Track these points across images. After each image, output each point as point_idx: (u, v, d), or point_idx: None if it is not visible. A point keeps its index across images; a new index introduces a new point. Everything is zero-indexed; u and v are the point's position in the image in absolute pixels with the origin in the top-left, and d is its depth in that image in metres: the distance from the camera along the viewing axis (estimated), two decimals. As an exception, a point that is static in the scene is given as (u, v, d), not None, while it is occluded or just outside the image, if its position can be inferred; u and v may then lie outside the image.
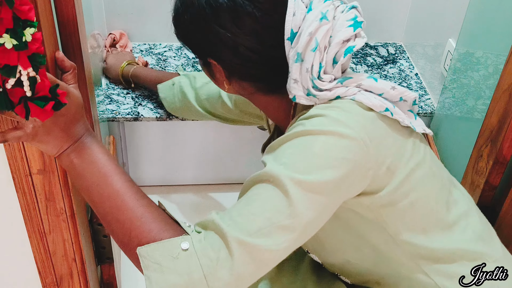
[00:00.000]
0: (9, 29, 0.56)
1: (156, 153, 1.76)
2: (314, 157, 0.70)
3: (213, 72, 0.86)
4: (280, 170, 0.69)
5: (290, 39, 0.75)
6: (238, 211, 0.70)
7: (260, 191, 0.71)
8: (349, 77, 0.77)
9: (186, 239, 0.69)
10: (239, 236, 0.67)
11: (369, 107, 0.76)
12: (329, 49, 0.74)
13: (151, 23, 1.81)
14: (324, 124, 0.72)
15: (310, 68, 0.74)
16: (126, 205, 0.72)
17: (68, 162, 0.74)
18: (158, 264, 0.68)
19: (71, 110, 0.71)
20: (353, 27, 0.74)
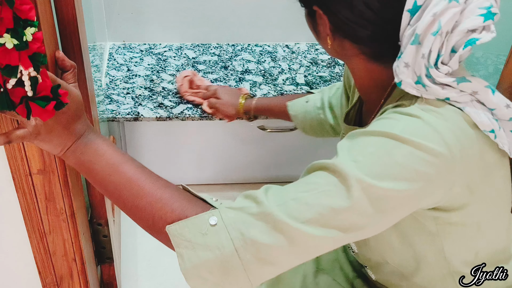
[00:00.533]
0: (10, 29, 0.56)
1: (156, 153, 1.76)
2: (394, 166, 0.64)
3: (317, 24, 0.77)
4: (351, 168, 0.64)
5: (410, 12, 0.66)
6: (294, 194, 0.66)
7: (322, 181, 0.66)
8: (467, 80, 0.68)
9: (214, 214, 0.67)
10: (286, 220, 0.64)
11: (474, 123, 0.69)
12: (450, 36, 0.65)
13: (151, 23, 1.81)
14: (418, 132, 0.65)
15: (427, 54, 0.65)
16: (143, 190, 0.71)
17: (75, 160, 0.74)
18: (189, 241, 0.66)
19: (71, 108, 0.71)
20: (484, 17, 0.64)
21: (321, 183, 0.66)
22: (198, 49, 1.85)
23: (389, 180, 0.64)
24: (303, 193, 0.65)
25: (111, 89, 1.62)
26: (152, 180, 0.72)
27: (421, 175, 0.64)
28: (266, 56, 1.85)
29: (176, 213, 0.68)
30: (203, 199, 0.71)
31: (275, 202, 0.65)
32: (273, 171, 1.88)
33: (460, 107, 0.69)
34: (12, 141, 0.68)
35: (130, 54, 1.80)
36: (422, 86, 0.68)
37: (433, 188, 0.67)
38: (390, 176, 0.64)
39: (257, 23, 1.86)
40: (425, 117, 0.67)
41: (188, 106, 1.58)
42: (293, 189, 0.67)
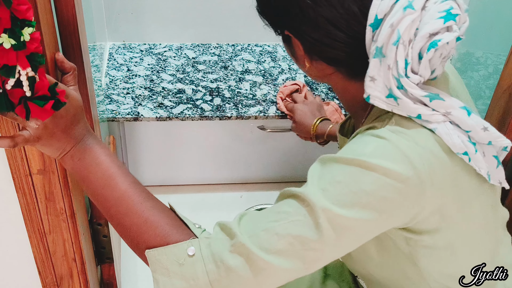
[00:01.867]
0: (7, 29, 0.56)
1: (156, 153, 1.76)
2: (361, 194, 0.64)
3: (293, 48, 0.78)
4: (318, 197, 0.65)
5: (372, 26, 0.66)
6: (265, 224, 0.67)
7: (292, 210, 0.67)
8: (440, 98, 0.67)
9: (193, 244, 0.68)
10: (257, 252, 0.65)
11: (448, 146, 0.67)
12: (414, 43, 0.64)
13: (151, 23, 1.81)
14: (386, 156, 0.65)
15: (393, 65, 0.65)
16: (131, 210, 0.72)
17: (72, 165, 0.74)
18: (166, 268, 0.68)
19: (70, 112, 0.71)
20: (444, 19, 0.63)
21: (291, 213, 0.67)
22: (198, 49, 1.85)
23: (356, 209, 0.64)
24: (274, 223, 0.66)
25: (111, 89, 1.62)
26: (142, 199, 0.73)
27: (388, 202, 0.64)
28: (266, 56, 1.85)
29: (158, 239, 0.70)
30: (187, 224, 0.72)
31: (247, 233, 0.67)
32: (273, 171, 1.88)
33: (432, 127, 0.67)
34: (18, 144, 0.68)
35: (130, 54, 1.80)
36: (394, 99, 0.67)
37: (400, 213, 0.67)
38: (357, 205, 0.64)
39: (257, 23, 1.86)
40: (394, 139, 0.66)
41: (188, 106, 1.58)
42: (265, 218, 0.68)
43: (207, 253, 0.67)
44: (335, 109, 1.52)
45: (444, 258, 0.75)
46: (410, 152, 0.65)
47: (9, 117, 0.67)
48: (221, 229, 0.70)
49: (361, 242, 0.69)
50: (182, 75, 1.71)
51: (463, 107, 0.68)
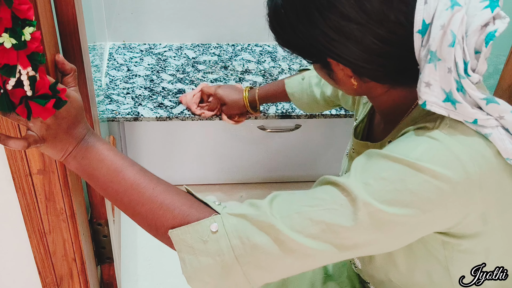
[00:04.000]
0: (8, 29, 0.56)
1: (156, 153, 1.76)
2: (406, 193, 0.62)
3: (334, 73, 0.74)
4: (360, 190, 0.63)
5: (421, 32, 0.63)
6: (299, 207, 0.65)
7: (329, 198, 0.65)
8: (496, 102, 0.64)
9: (215, 220, 0.67)
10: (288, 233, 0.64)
11: (498, 151, 0.65)
12: (466, 39, 0.62)
13: (151, 23, 1.81)
14: (437, 158, 0.63)
15: (453, 67, 0.62)
16: (144, 197, 0.71)
17: (76, 165, 0.74)
18: (190, 246, 0.67)
19: (72, 113, 0.71)
20: (490, 7, 0.61)
21: (328, 200, 0.65)
22: (198, 49, 1.85)
23: (398, 207, 0.62)
24: (308, 208, 0.65)
25: (111, 89, 1.62)
26: (153, 185, 0.72)
27: (433, 203, 0.63)
28: (266, 56, 1.85)
29: (178, 220, 0.69)
30: (206, 203, 0.71)
31: (279, 213, 0.65)
32: (273, 171, 1.88)
33: (486, 133, 0.66)
34: (30, 145, 0.68)
35: (130, 54, 1.80)
36: (452, 103, 0.65)
37: (444, 216, 0.65)
38: (400, 202, 0.62)
39: (257, 23, 1.86)
40: (447, 141, 0.64)
41: (188, 106, 1.58)
42: (299, 201, 0.66)
43: (231, 229, 0.66)
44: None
45: (478, 263, 0.74)
46: (463, 155, 0.63)
47: (12, 118, 0.67)
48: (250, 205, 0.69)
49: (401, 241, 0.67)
50: (182, 75, 1.71)
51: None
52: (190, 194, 0.74)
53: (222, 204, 0.71)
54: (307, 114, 1.61)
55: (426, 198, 0.62)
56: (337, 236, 0.64)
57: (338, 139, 1.81)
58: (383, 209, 0.62)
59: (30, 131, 0.69)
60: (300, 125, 1.73)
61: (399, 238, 0.66)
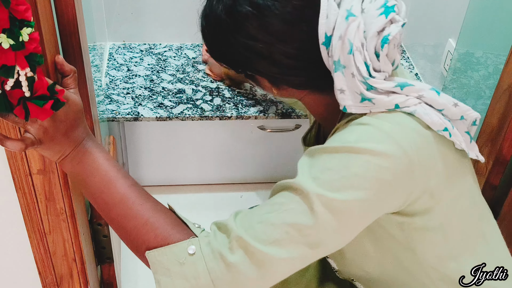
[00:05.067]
0: (6, 29, 0.56)
1: (156, 153, 1.76)
2: (352, 177, 0.65)
3: (259, 82, 0.81)
4: (310, 185, 0.66)
5: (325, 44, 0.70)
6: (260, 217, 0.68)
7: (285, 200, 0.68)
8: (410, 84, 0.70)
9: (193, 243, 0.68)
10: (254, 244, 0.65)
11: (427, 125, 0.70)
12: (366, 45, 0.68)
13: (151, 23, 1.81)
14: (372, 139, 0.67)
15: (356, 71, 0.68)
16: (131, 213, 0.72)
17: (70, 169, 0.74)
18: (167, 268, 0.68)
19: (70, 116, 0.71)
20: (384, 14, 0.67)
21: (285, 203, 0.67)
22: (198, 49, 1.85)
23: (348, 192, 0.65)
24: (268, 214, 0.67)
25: (111, 89, 1.62)
26: (142, 201, 0.73)
27: (380, 182, 0.65)
28: (266, 56, 1.85)
29: (159, 240, 0.70)
30: (187, 224, 0.73)
31: (243, 227, 0.67)
32: (273, 171, 1.88)
33: (411, 111, 0.69)
34: (28, 147, 0.68)
35: (130, 54, 1.80)
36: (369, 101, 0.69)
37: (393, 194, 0.67)
38: (349, 187, 0.65)
39: (257, 23, 1.86)
40: (376, 123, 0.68)
41: (188, 106, 1.58)
42: (259, 211, 0.69)
43: (208, 251, 0.67)
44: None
45: (437, 239, 0.76)
46: (394, 133, 0.67)
47: (10, 120, 0.67)
48: (218, 228, 0.70)
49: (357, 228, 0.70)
50: (182, 75, 1.71)
51: (432, 89, 0.71)
52: (173, 212, 0.75)
53: (201, 227, 0.73)
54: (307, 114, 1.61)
55: (372, 178, 0.65)
56: (301, 234, 0.65)
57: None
58: (336, 197, 0.65)
59: (27, 133, 0.69)
60: (300, 125, 1.73)
61: (357, 222, 0.68)
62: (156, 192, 1.78)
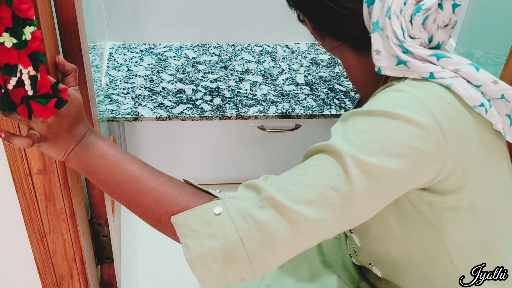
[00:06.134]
0: (9, 28, 0.56)
1: (156, 153, 1.76)
2: (385, 141, 0.65)
3: (307, 26, 0.82)
4: (344, 146, 0.65)
5: (367, 2, 0.71)
6: (292, 178, 0.67)
7: (319, 162, 0.67)
8: (447, 56, 0.69)
9: (218, 203, 0.67)
10: (287, 204, 0.64)
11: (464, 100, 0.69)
12: (404, 11, 0.69)
13: (151, 23, 1.81)
14: (406, 106, 0.66)
15: (391, 34, 0.69)
16: (147, 187, 0.71)
17: (77, 163, 0.74)
18: (194, 230, 0.67)
19: (72, 112, 0.72)
20: None
21: (318, 165, 0.67)
22: (198, 49, 1.85)
23: (382, 156, 0.64)
24: (301, 176, 0.66)
25: (111, 89, 1.62)
26: (155, 176, 0.73)
27: (412, 149, 0.65)
28: (266, 56, 1.85)
29: (181, 206, 0.69)
30: (207, 191, 0.72)
31: (275, 188, 0.66)
32: (273, 171, 1.87)
33: (447, 83, 0.69)
34: (34, 143, 0.68)
35: (130, 54, 1.80)
36: (404, 64, 0.70)
37: (425, 163, 0.67)
38: (381, 151, 0.65)
39: (257, 23, 1.86)
40: (413, 91, 0.68)
41: (188, 106, 1.58)
42: (291, 174, 0.68)
43: (234, 210, 0.66)
44: None
45: (468, 221, 0.75)
46: (430, 102, 0.66)
47: (13, 118, 0.67)
48: (246, 187, 0.69)
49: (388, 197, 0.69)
50: (182, 75, 1.71)
51: (470, 64, 0.69)
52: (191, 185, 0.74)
53: (222, 192, 0.72)
54: (307, 114, 1.62)
55: (405, 144, 0.65)
56: (335, 195, 0.65)
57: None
58: (368, 161, 0.64)
59: (32, 130, 0.69)
60: (300, 125, 1.73)
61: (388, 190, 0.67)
62: (156, 192, 1.79)
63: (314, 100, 1.67)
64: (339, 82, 1.76)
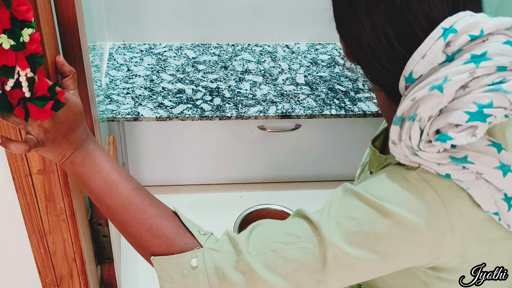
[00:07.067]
0: (7, 30, 0.56)
1: (156, 153, 1.76)
2: (373, 236, 0.63)
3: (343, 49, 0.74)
4: (330, 230, 0.64)
5: (406, 79, 0.62)
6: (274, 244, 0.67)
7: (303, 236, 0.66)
8: (469, 162, 0.62)
9: (197, 255, 0.69)
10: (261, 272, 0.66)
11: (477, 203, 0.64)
12: (435, 120, 0.61)
13: (151, 23, 1.81)
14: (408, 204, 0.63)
15: (405, 137, 0.63)
16: (134, 218, 0.72)
17: (72, 170, 0.74)
18: (170, 276, 0.69)
19: (70, 117, 0.71)
20: (469, 115, 0.58)
21: (301, 238, 0.67)
22: (198, 49, 1.85)
23: (364, 250, 0.64)
24: (283, 245, 0.67)
25: (111, 89, 1.62)
26: (145, 206, 0.73)
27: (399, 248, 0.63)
28: (266, 56, 1.85)
29: (162, 248, 0.71)
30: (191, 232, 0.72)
31: (255, 250, 0.67)
32: (273, 171, 1.88)
33: (464, 187, 0.64)
34: (31, 148, 0.68)
35: (130, 54, 1.80)
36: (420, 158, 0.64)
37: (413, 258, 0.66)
38: (366, 245, 0.63)
39: (257, 23, 1.86)
40: (421, 187, 0.64)
41: (188, 106, 1.58)
42: (275, 237, 0.68)
43: (211, 266, 0.68)
44: None
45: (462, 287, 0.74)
46: (435, 204, 0.63)
47: (11, 121, 0.67)
48: (229, 241, 0.70)
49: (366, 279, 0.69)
50: (182, 75, 1.71)
51: (499, 167, 0.63)
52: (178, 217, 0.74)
53: (207, 234, 0.72)
54: (307, 114, 1.62)
55: (392, 243, 0.63)
56: (308, 276, 0.66)
57: (338, 139, 1.81)
58: (349, 252, 0.64)
59: (29, 135, 0.69)
60: (300, 125, 1.73)
61: (362, 277, 0.68)
62: (156, 192, 1.79)
63: (314, 100, 1.67)
64: (339, 82, 1.76)
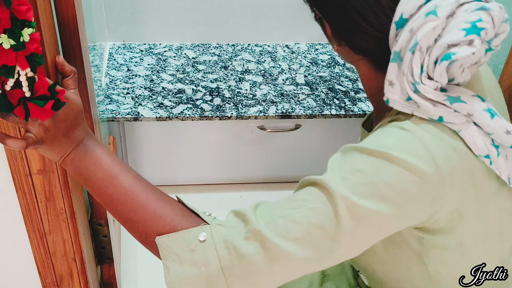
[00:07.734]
0: (7, 29, 0.56)
1: (156, 153, 1.76)
2: (381, 185, 0.63)
3: (325, 28, 0.77)
4: (338, 185, 0.64)
5: (397, 24, 0.65)
6: (283, 211, 0.66)
7: (311, 197, 0.66)
8: (462, 101, 0.65)
9: (204, 230, 0.67)
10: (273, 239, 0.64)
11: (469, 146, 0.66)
12: (432, 50, 0.63)
13: (151, 23, 1.81)
14: (409, 149, 0.64)
15: (407, 71, 0.64)
16: (137, 204, 0.71)
17: (73, 168, 0.74)
18: (176, 254, 0.67)
19: (70, 116, 0.71)
20: (466, 31, 0.61)
21: (309, 200, 0.65)
22: (198, 49, 1.85)
23: (375, 200, 0.63)
24: (291, 210, 0.66)
25: (111, 89, 1.62)
26: (147, 193, 0.72)
27: (407, 195, 0.63)
28: (266, 56, 1.85)
29: (168, 228, 0.69)
30: (197, 213, 0.72)
31: (263, 219, 0.66)
32: (273, 171, 1.88)
33: (456, 129, 0.67)
34: (30, 145, 0.68)
35: (130, 54, 1.80)
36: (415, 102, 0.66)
37: (419, 210, 0.66)
38: (376, 195, 0.63)
39: (257, 23, 1.86)
40: (418, 133, 0.65)
41: (188, 106, 1.58)
42: (282, 205, 0.67)
43: (219, 239, 0.66)
44: None
45: (454, 259, 0.74)
46: (434, 147, 0.64)
47: (11, 121, 0.67)
48: (236, 216, 0.69)
49: (377, 238, 0.68)
50: (182, 75, 1.71)
51: (486, 110, 0.66)
52: (182, 203, 0.74)
53: (212, 215, 0.71)
54: (307, 114, 1.62)
55: (401, 190, 0.63)
56: (322, 236, 0.64)
57: (338, 139, 1.81)
58: (360, 204, 0.63)
59: (29, 133, 0.69)
60: (300, 125, 1.73)
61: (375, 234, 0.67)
62: (156, 192, 1.79)
63: (314, 100, 1.67)
64: (339, 82, 1.76)
